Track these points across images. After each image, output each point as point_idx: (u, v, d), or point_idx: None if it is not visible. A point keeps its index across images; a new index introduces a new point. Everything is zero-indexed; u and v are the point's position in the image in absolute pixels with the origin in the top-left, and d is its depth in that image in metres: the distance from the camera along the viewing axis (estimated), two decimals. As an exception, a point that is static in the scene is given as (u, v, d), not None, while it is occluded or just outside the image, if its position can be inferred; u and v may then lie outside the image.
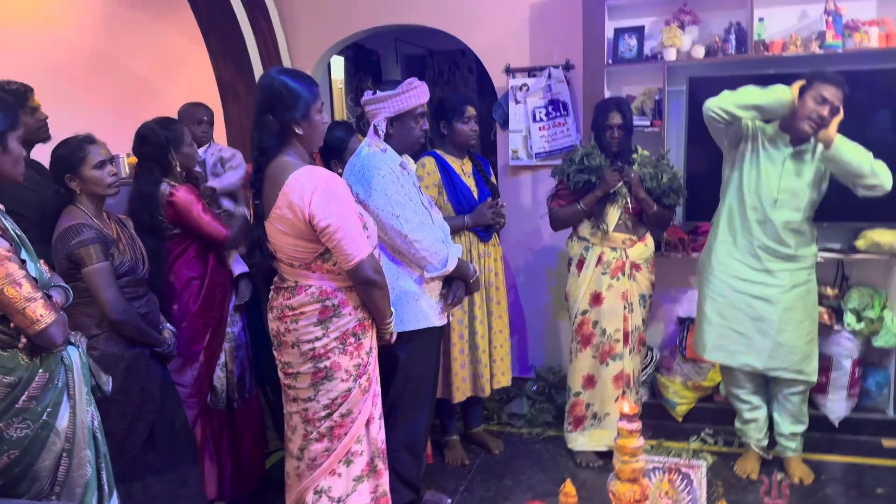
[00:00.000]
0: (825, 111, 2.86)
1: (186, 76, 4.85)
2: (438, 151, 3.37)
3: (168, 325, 2.75)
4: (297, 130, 2.26)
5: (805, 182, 3.04)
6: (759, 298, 3.11)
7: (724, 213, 3.19)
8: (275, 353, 2.45)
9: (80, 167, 2.43)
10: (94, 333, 2.43)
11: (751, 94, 2.96)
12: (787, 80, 2.99)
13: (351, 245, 2.22)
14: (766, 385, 3.34)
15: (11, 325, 1.85)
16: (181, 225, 2.89)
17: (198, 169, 3.29)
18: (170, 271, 2.94)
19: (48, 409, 1.89)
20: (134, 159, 2.89)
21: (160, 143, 2.82)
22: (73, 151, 2.45)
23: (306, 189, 2.18)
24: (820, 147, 2.99)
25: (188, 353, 2.94)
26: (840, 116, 2.89)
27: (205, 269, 2.99)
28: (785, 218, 3.05)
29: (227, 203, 3.31)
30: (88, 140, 2.50)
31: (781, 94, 2.92)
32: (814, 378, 3.18)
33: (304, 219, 2.18)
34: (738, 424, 3.40)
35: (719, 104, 2.98)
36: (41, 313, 1.84)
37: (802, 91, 2.92)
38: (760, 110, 2.97)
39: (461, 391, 3.41)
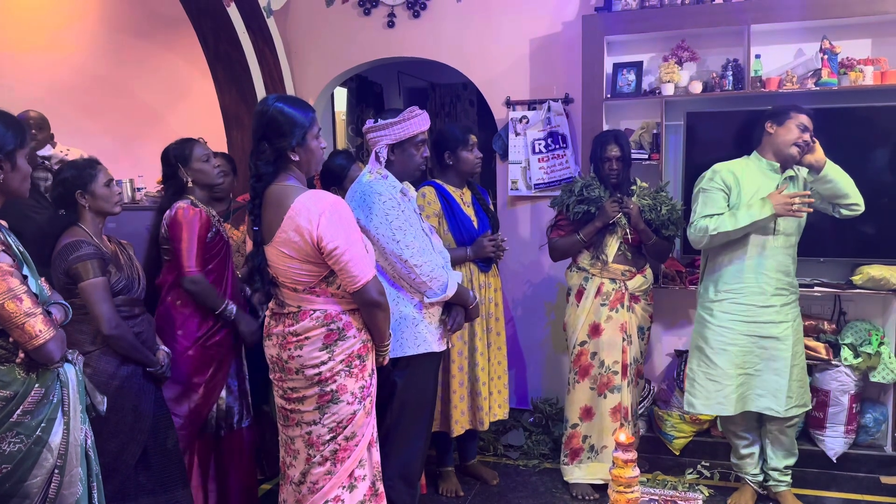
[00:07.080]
0: (808, 136, 3.00)
1: (191, 104, 4.92)
2: (439, 181, 3.35)
3: (163, 346, 2.76)
4: (292, 157, 2.28)
5: None
6: (770, 338, 3.07)
7: (721, 266, 3.14)
8: (273, 380, 2.41)
9: (91, 184, 2.55)
10: (88, 350, 2.45)
11: (731, 227, 2.98)
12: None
13: (357, 267, 2.22)
14: (760, 421, 3.31)
15: (10, 339, 1.86)
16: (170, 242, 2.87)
17: None
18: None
19: (42, 425, 1.89)
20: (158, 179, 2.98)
21: (169, 161, 2.95)
22: (85, 169, 2.56)
23: (313, 212, 2.18)
24: (805, 170, 3.10)
25: (188, 384, 2.89)
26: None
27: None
28: (786, 243, 3.06)
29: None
30: (96, 160, 2.63)
31: (761, 213, 2.94)
32: (810, 404, 3.22)
33: (312, 241, 2.19)
34: (734, 459, 3.37)
35: (710, 243, 3.06)
36: (40, 329, 1.85)
37: (781, 120, 3.04)
38: (749, 229, 2.99)
39: (460, 424, 3.34)
